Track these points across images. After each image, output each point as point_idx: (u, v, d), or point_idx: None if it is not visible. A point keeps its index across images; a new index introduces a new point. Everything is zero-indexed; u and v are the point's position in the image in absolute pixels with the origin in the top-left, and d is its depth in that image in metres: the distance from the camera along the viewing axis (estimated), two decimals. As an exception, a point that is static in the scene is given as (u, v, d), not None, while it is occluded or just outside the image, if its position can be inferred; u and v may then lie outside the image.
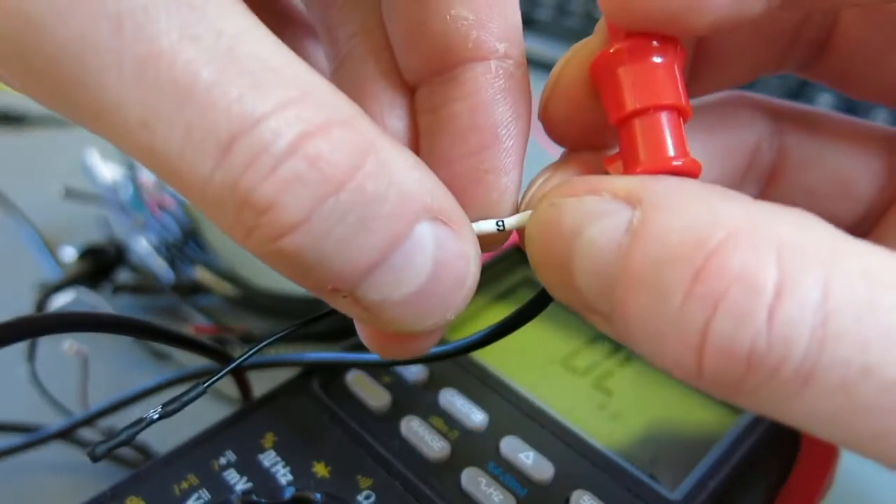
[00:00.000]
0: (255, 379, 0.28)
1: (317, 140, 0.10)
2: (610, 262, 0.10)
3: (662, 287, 0.09)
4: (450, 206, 0.12)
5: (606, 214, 0.11)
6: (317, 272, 0.11)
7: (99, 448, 0.13)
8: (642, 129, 0.12)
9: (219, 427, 0.19)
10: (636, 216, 0.10)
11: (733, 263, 0.09)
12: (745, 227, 0.09)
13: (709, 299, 0.09)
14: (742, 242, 0.09)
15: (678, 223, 0.10)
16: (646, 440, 0.20)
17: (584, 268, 0.11)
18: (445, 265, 0.12)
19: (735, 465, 0.19)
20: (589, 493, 0.17)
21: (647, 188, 0.11)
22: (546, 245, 0.12)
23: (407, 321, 0.12)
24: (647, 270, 0.10)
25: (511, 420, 0.20)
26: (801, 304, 0.08)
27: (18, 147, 0.43)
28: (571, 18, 0.53)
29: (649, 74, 0.12)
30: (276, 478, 0.17)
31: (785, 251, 0.09)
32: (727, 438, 0.20)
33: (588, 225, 0.11)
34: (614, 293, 0.10)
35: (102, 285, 0.31)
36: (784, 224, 0.09)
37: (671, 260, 0.09)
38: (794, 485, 0.20)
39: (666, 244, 0.10)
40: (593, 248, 0.11)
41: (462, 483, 0.18)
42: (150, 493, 0.17)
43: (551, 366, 0.22)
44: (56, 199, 0.35)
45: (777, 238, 0.09)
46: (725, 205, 0.10)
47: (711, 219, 0.09)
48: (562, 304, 0.13)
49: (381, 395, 0.20)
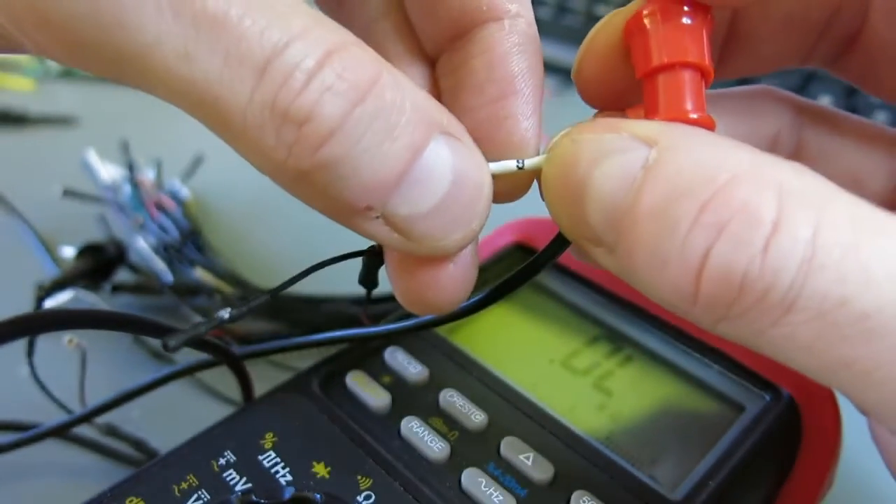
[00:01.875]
0: (255, 378, 0.28)
1: (340, 55, 0.12)
2: (622, 194, 0.11)
3: (671, 217, 0.10)
4: (459, 126, 0.14)
5: (623, 151, 0.11)
6: (351, 186, 0.12)
7: (172, 340, 0.13)
8: (665, 84, 0.13)
9: (219, 427, 0.19)
10: (652, 155, 0.11)
11: (738, 198, 0.10)
12: (750, 169, 0.10)
13: (713, 227, 0.10)
14: (747, 181, 0.10)
15: (690, 162, 0.11)
16: (646, 440, 0.20)
17: (596, 200, 0.12)
18: (464, 174, 0.13)
19: (735, 465, 0.19)
20: (589, 493, 0.17)
21: (664, 132, 0.11)
22: (562, 177, 0.12)
23: (435, 235, 0.13)
24: (657, 203, 0.11)
25: (511, 420, 0.20)
26: (794, 239, 0.10)
27: (18, 147, 0.43)
28: (571, 18, 0.53)
29: (678, 34, 0.13)
30: (276, 478, 0.17)
31: (784, 192, 0.10)
32: (727, 438, 0.20)
33: (605, 159, 0.12)
34: (623, 224, 0.11)
35: (101, 285, 0.31)
36: (785, 170, 0.10)
37: (682, 193, 0.10)
38: (794, 485, 0.20)
39: (678, 180, 0.11)
40: (608, 181, 0.12)
41: (462, 483, 0.18)
42: (149, 494, 0.17)
43: (551, 366, 0.22)
44: (55, 199, 0.35)
45: (778, 181, 0.10)
46: (734, 151, 0.11)
47: (721, 161, 0.10)
48: (569, 237, 0.13)
49: (381, 395, 0.20)
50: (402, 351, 0.21)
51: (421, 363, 0.21)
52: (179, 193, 0.37)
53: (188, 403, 0.26)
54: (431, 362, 0.21)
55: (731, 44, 0.16)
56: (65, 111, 0.45)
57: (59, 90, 0.49)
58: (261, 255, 0.35)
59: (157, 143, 0.40)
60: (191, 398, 0.27)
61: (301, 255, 0.35)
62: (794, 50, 0.17)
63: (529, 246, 0.26)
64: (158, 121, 0.47)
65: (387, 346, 0.22)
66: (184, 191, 0.37)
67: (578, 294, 0.24)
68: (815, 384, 0.21)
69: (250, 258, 0.34)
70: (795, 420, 0.20)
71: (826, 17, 0.16)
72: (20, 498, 0.23)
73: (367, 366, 0.21)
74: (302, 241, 0.36)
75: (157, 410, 0.26)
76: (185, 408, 0.24)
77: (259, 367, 0.28)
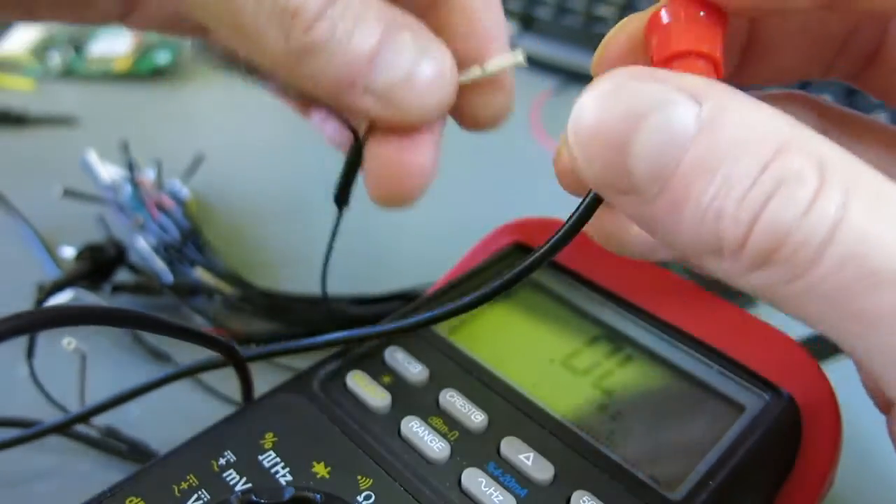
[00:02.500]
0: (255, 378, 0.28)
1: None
2: (674, 149, 0.12)
3: (731, 174, 0.11)
4: (420, 25, 0.18)
5: (674, 104, 0.12)
6: (336, 63, 0.17)
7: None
8: (679, 69, 0.13)
9: (219, 427, 0.19)
10: (704, 112, 0.12)
11: (790, 163, 0.11)
12: (794, 138, 0.11)
13: (771, 186, 0.11)
14: (796, 149, 0.11)
15: (744, 124, 0.12)
16: (646, 440, 0.20)
17: (643, 150, 0.12)
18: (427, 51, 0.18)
19: (735, 465, 0.19)
20: (589, 493, 0.17)
21: (711, 87, 0.12)
22: (604, 122, 0.12)
23: (412, 101, 0.18)
24: (714, 159, 0.12)
25: (511, 420, 0.20)
26: (830, 202, 0.11)
27: (18, 147, 0.43)
28: (571, 18, 0.53)
29: (693, 27, 0.14)
30: (276, 478, 0.17)
31: (824, 162, 0.11)
32: (727, 438, 0.20)
33: (654, 111, 0.12)
34: (673, 177, 0.12)
35: (101, 286, 0.31)
36: (823, 143, 0.12)
37: (742, 152, 0.11)
38: (794, 485, 0.20)
39: (736, 139, 0.12)
40: (658, 133, 0.12)
41: (462, 483, 0.18)
42: (149, 494, 0.17)
43: (551, 366, 0.22)
44: (55, 199, 0.35)
45: (819, 152, 0.11)
46: (777, 118, 0.12)
47: (770, 127, 0.12)
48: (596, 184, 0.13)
49: (381, 395, 0.20)
50: (402, 351, 0.21)
51: (421, 363, 0.21)
52: (179, 193, 0.37)
53: (188, 403, 0.26)
54: (431, 362, 0.21)
55: (750, 52, 0.17)
56: (65, 111, 0.45)
57: (59, 90, 0.49)
58: (261, 255, 0.35)
59: (157, 143, 0.40)
60: (191, 398, 0.27)
61: (301, 255, 0.35)
62: (813, 63, 0.17)
63: (529, 246, 0.26)
64: (158, 121, 0.47)
65: (387, 346, 0.22)
66: (184, 191, 0.37)
67: (578, 294, 0.24)
68: (815, 384, 0.21)
69: (250, 258, 0.34)
70: (795, 420, 0.20)
71: (844, 33, 0.16)
72: (20, 498, 0.23)
73: (367, 366, 0.21)
74: (302, 241, 0.36)
75: (157, 410, 0.26)
76: (185, 408, 0.24)
77: (259, 367, 0.28)
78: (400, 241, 0.37)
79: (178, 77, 0.52)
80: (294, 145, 0.46)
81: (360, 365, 0.21)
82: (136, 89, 0.50)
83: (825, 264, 0.11)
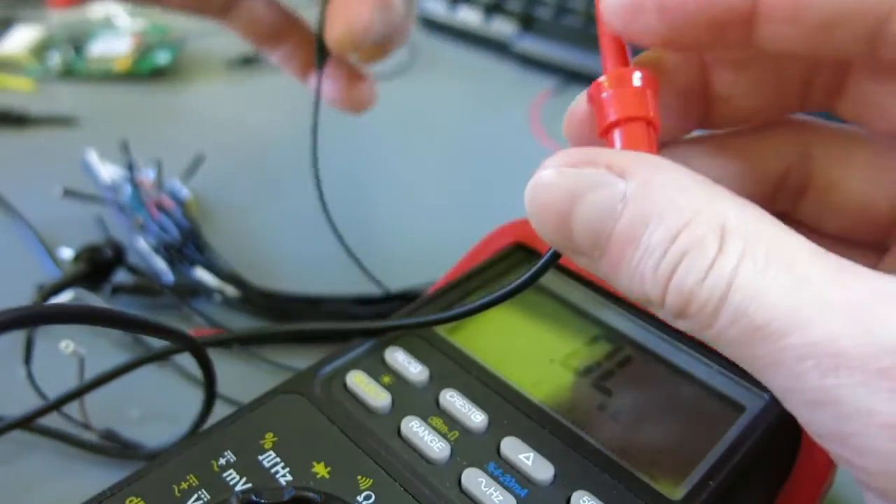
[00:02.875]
0: (256, 378, 0.28)
1: None
2: (605, 222, 0.14)
3: (647, 244, 0.13)
4: None
5: (604, 185, 0.14)
6: None
7: None
8: (620, 136, 0.16)
9: (219, 427, 0.19)
10: (629, 189, 0.14)
11: (695, 233, 0.13)
12: (705, 206, 0.13)
13: (678, 256, 0.13)
14: (702, 219, 0.13)
15: (660, 198, 0.13)
16: (646, 440, 0.20)
17: (582, 223, 0.14)
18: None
19: (735, 465, 0.19)
20: (589, 493, 0.17)
21: (637, 164, 0.14)
22: (551, 204, 0.15)
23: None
24: (635, 230, 0.14)
25: (511, 420, 0.20)
26: (723, 267, 0.13)
27: (18, 147, 0.43)
28: (571, 18, 0.53)
29: (624, 95, 0.16)
30: (276, 478, 0.17)
31: (725, 230, 0.13)
32: (727, 438, 0.20)
33: (588, 192, 0.14)
34: (606, 245, 0.14)
35: (101, 286, 0.31)
36: (731, 210, 0.13)
37: (656, 225, 0.13)
38: (795, 485, 0.20)
39: (651, 213, 0.13)
40: (593, 209, 0.14)
41: (462, 483, 0.18)
42: (149, 493, 0.17)
43: (551, 366, 0.22)
44: (55, 199, 0.35)
45: (723, 221, 0.13)
46: (692, 187, 0.14)
47: (683, 199, 0.13)
48: (556, 249, 0.16)
49: (381, 395, 0.20)
50: (402, 351, 0.21)
51: (421, 363, 0.21)
52: (179, 193, 0.37)
53: (188, 403, 0.26)
54: (431, 362, 0.21)
55: (711, 100, 0.18)
56: (65, 111, 0.45)
57: (59, 90, 0.49)
58: (261, 255, 0.35)
59: (157, 143, 0.40)
60: (191, 398, 0.27)
61: (301, 255, 0.35)
62: (781, 104, 0.18)
63: (529, 246, 0.26)
64: (158, 121, 0.47)
65: (387, 347, 0.22)
66: (184, 191, 0.37)
67: (578, 294, 0.24)
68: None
69: (250, 258, 0.34)
70: (795, 420, 0.20)
71: (803, 76, 0.17)
72: (20, 499, 0.23)
73: (368, 366, 0.21)
74: (302, 241, 0.36)
75: (156, 410, 0.26)
76: (185, 408, 0.24)
77: (259, 367, 0.28)
78: (400, 241, 0.37)
79: (178, 77, 0.52)
80: (294, 145, 0.46)
81: (360, 365, 0.21)
82: (136, 89, 0.50)
83: (722, 321, 0.13)
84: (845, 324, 0.12)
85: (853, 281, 0.12)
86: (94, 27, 0.55)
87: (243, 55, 0.54)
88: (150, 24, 0.56)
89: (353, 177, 0.41)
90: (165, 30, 0.56)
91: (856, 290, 0.12)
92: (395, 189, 0.41)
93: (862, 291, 0.12)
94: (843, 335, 0.12)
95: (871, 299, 0.12)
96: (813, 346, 0.12)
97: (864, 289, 0.12)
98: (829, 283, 0.12)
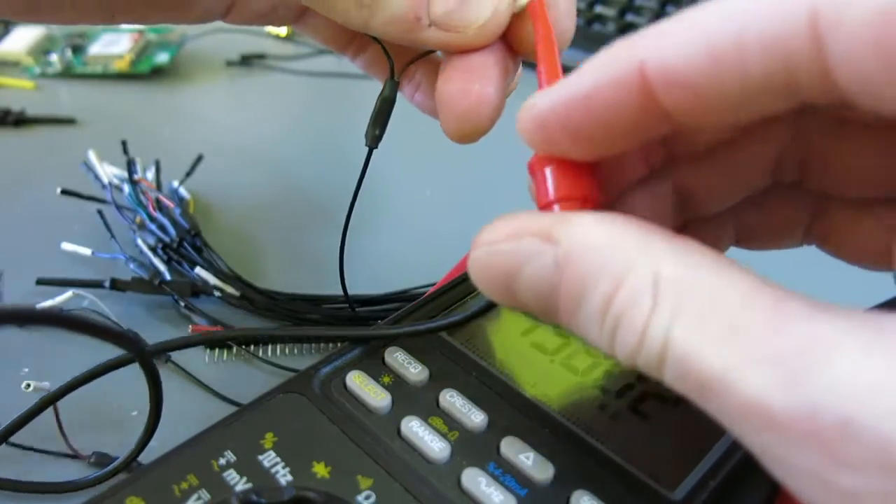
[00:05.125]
0: (256, 378, 0.28)
1: None
2: (546, 289, 0.14)
3: (589, 307, 0.14)
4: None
5: (535, 256, 0.14)
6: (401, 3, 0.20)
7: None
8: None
9: (219, 427, 0.19)
10: (560, 254, 0.14)
11: (630, 292, 0.13)
12: (637, 262, 0.13)
13: (615, 319, 0.13)
14: (635, 272, 0.13)
15: (590, 262, 0.14)
16: (646, 440, 0.20)
17: (526, 294, 0.15)
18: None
19: (735, 465, 0.19)
20: (589, 493, 0.17)
21: (563, 227, 0.14)
22: (492, 279, 0.15)
23: (470, 20, 0.20)
24: (574, 297, 0.14)
25: (511, 420, 0.20)
26: (657, 327, 0.13)
27: (18, 147, 0.43)
28: (571, 18, 0.53)
29: (562, 174, 0.16)
30: (276, 478, 0.17)
31: (659, 281, 0.13)
32: (727, 438, 0.20)
33: (524, 265, 0.14)
34: (553, 309, 0.14)
35: (101, 285, 0.31)
36: (664, 259, 0.13)
37: (590, 288, 0.13)
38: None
39: (586, 276, 0.13)
40: (531, 281, 0.14)
41: (462, 483, 0.18)
42: (149, 493, 0.17)
43: (551, 366, 0.22)
44: (55, 198, 0.35)
45: (655, 270, 0.13)
46: (621, 240, 0.13)
47: (615, 254, 0.13)
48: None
49: (381, 395, 0.20)
50: (403, 351, 0.21)
51: (421, 363, 0.21)
52: (179, 193, 0.37)
53: (188, 403, 0.26)
54: (431, 362, 0.21)
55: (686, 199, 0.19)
56: (65, 111, 0.45)
57: (59, 90, 0.49)
58: (261, 255, 0.35)
59: (157, 143, 0.40)
60: (191, 398, 0.27)
61: (300, 255, 0.35)
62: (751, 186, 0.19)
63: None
64: (158, 121, 0.47)
65: (387, 346, 0.22)
66: (183, 191, 0.37)
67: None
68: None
69: (250, 258, 0.34)
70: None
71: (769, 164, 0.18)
72: (20, 500, 0.23)
73: (367, 366, 0.21)
74: (301, 242, 0.36)
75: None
76: (184, 408, 0.24)
77: (259, 367, 0.28)
78: (400, 241, 0.37)
79: (178, 77, 0.52)
80: (294, 145, 0.46)
81: (360, 365, 0.21)
82: (136, 89, 0.50)
83: (668, 378, 0.13)
84: (773, 381, 0.11)
85: (788, 326, 0.11)
86: (93, 27, 0.55)
87: (242, 55, 0.54)
88: (150, 23, 0.56)
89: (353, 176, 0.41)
90: (164, 30, 0.56)
91: (788, 339, 0.11)
92: (395, 189, 0.41)
93: (794, 340, 0.11)
94: (772, 394, 0.11)
95: (801, 349, 0.11)
96: (747, 406, 0.11)
97: (796, 336, 0.11)
98: (762, 332, 0.12)
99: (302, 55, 0.56)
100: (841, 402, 0.11)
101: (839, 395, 0.11)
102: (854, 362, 0.11)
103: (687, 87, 0.13)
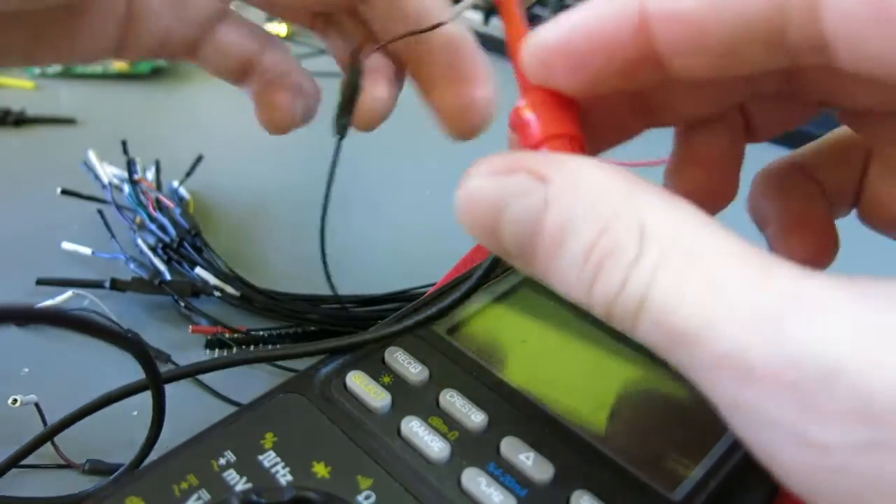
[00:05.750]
0: (255, 378, 0.28)
1: None
2: (529, 228, 0.14)
3: (569, 249, 0.13)
4: None
5: (525, 193, 0.14)
6: None
7: None
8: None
9: (219, 427, 0.19)
10: (549, 195, 0.14)
11: (613, 237, 0.13)
12: (623, 210, 0.13)
13: (597, 263, 0.13)
14: (622, 221, 0.13)
15: (578, 203, 0.13)
16: (646, 440, 0.20)
17: (509, 232, 0.14)
18: None
19: (735, 465, 0.19)
20: (589, 493, 0.17)
21: (555, 167, 0.14)
22: (477, 213, 0.15)
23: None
24: (556, 237, 0.14)
25: (511, 420, 0.20)
26: (641, 274, 0.13)
27: (18, 147, 0.43)
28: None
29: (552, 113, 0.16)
30: (276, 478, 0.17)
31: (644, 232, 0.13)
32: (727, 438, 0.20)
33: (511, 202, 0.14)
34: (533, 250, 0.14)
35: (101, 285, 0.31)
36: (650, 209, 0.13)
37: (575, 229, 0.13)
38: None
39: (571, 218, 0.13)
40: (517, 218, 0.14)
41: (462, 483, 0.18)
42: (149, 493, 0.17)
43: (551, 366, 0.22)
44: (55, 198, 0.35)
45: (642, 220, 0.13)
46: (610, 185, 0.13)
47: (604, 200, 0.13)
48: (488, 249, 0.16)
49: (381, 395, 0.20)
50: (402, 351, 0.21)
51: (421, 363, 0.21)
52: (179, 193, 0.37)
53: (188, 403, 0.26)
54: (431, 362, 0.21)
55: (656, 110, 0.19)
56: (65, 111, 0.45)
57: (59, 90, 0.49)
58: (261, 255, 0.35)
59: (157, 143, 0.40)
60: (191, 398, 0.27)
61: (301, 255, 0.35)
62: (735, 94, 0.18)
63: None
64: (158, 121, 0.47)
65: (387, 346, 0.22)
66: (183, 190, 0.37)
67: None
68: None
69: (250, 258, 0.34)
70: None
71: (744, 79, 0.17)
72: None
73: (367, 366, 0.21)
74: (301, 241, 0.36)
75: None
76: (185, 408, 0.24)
77: (259, 367, 0.28)
78: (400, 241, 0.37)
79: (178, 77, 0.52)
80: (293, 145, 0.46)
81: (360, 365, 0.21)
82: (136, 89, 0.50)
83: (642, 327, 0.13)
84: (755, 333, 0.11)
85: (772, 282, 0.12)
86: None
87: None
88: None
89: (354, 177, 0.41)
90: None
91: (772, 294, 0.11)
92: (395, 189, 0.41)
93: (778, 295, 0.11)
94: (752, 345, 0.11)
95: (785, 303, 0.11)
96: (724, 358, 0.12)
97: (780, 291, 0.11)
98: (746, 287, 0.12)
99: (302, 55, 0.56)
100: (824, 353, 0.11)
101: (823, 347, 0.11)
102: (839, 316, 0.11)
103: (682, 19, 0.13)
